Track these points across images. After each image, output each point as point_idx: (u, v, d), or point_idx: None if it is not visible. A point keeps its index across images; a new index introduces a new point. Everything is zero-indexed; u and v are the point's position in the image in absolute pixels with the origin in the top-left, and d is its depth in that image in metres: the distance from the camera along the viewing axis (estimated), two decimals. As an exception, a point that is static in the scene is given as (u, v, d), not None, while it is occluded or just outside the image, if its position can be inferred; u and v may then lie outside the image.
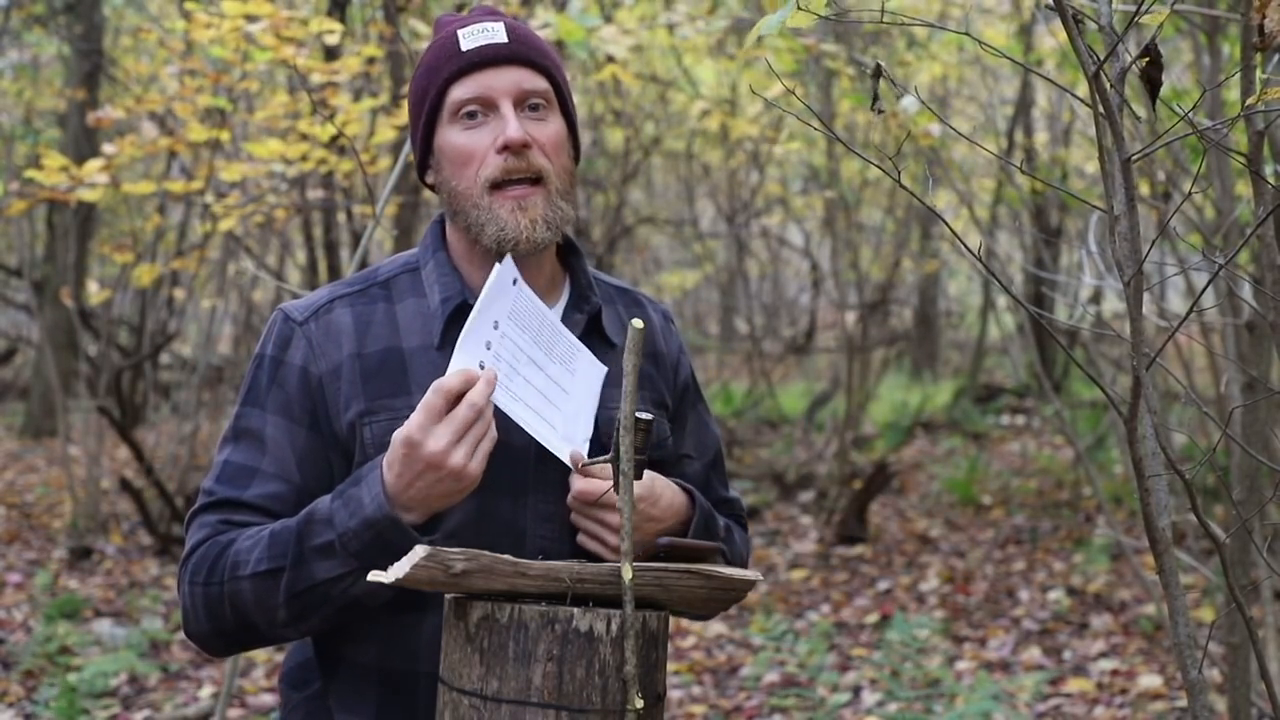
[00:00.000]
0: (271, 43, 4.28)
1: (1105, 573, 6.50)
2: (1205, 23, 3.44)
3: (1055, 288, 8.54)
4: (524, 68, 1.78)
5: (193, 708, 4.92)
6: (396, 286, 1.85)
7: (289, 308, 1.84)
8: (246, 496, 1.75)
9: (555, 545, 1.77)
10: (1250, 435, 3.31)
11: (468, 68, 1.77)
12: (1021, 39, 7.60)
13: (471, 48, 1.78)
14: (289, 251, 9.58)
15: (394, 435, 1.65)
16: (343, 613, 1.71)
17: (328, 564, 1.65)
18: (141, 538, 7.50)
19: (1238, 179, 3.99)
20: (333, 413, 1.76)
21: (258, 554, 1.68)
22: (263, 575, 1.68)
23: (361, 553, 1.64)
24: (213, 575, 1.71)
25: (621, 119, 9.03)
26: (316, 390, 1.78)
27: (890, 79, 1.63)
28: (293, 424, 1.77)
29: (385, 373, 1.77)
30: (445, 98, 1.78)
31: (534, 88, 1.78)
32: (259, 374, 1.81)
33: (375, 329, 1.80)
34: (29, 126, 10.40)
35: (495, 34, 1.79)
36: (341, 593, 1.67)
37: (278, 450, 1.76)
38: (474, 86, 1.77)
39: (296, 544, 1.67)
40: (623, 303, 1.94)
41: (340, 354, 1.79)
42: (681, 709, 4.97)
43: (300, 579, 1.67)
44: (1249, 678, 3.39)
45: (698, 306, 17.70)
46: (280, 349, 1.80)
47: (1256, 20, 1.45)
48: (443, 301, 1.80)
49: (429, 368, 1.77)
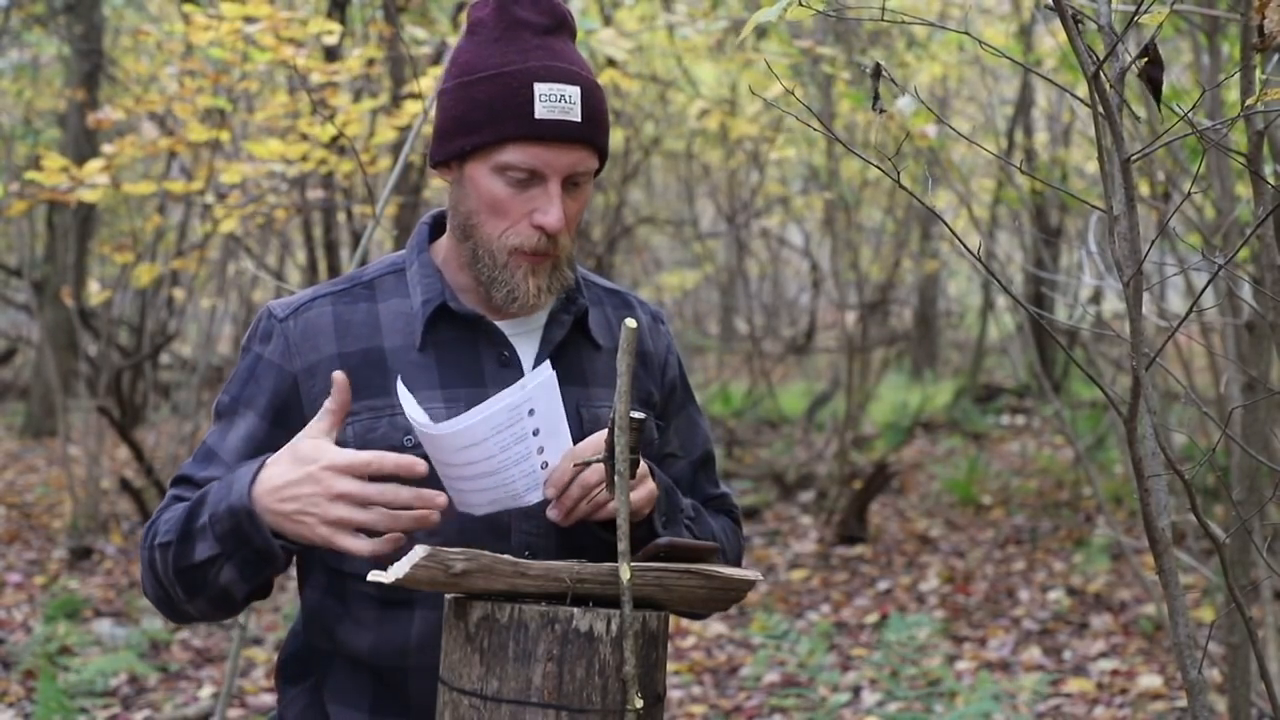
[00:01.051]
0: (271, 43, 4.29)
1: (1105, 573, 6.50)
2: (1205, 23, 3.44)
3: (1055, 288, 8.53)
4: (586, 148, 1.75)
5: (193, 708, 4.92)
6: (381, 286, 1.85)
7: (274, 305, 1.85)
8: (198, 476, 1.79)
9: (540, 541, 1.78)
10: (1250, 435, 3.31)
11: (534, 138, 1.71)
12: (1021, 39, 7.60)
13: (545, 118, 1.71)
14: (289, 251, 9.58)
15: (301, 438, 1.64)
16: (221, 601, 1.72)
17: (203, 544, 1.67)
18: (141, 538, 7.50)
19: (1237, 179, 3.99)
20: (307, 411, 1.77)
21: (167, 526, 1.73)
22: (163, 547, 1.72)
23: (223, 537, 1.65)
24: (145, 541, 1.77)
25: (621, 119, 9.03)
26: (290, 388, 1.79)
27: (890, 79, 1.63)
28: (257, 417, 1.80)
29: (366, 372, 1.78)
30: (499, 149, 1.73)
31: (586, 169, 1.76)
32: (240, 364, 1.85)
33: (356, 329, 1.81)
34: (29, 126, 10.40)
35: (571, 109, 1.72)
36: (214, 577, 1.68)
37: (236, 439, 1.80)
38: (533, 158, 1.72)
39: (186, 521, 1.69)
40: (612, 304, 1.94)
41: (318, 354, 1.80)
42: (681, 709, 4.97)
43: (182, 555, 1.70)
44: (1249, 678, 3.39)
45: (698, 306, 17.69)
46: (260, 344, 1.83)
47: (1256, 20, 1.45)
48: (424, 303, 1.81)
49: (410, 368, 1.78)
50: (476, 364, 1.80)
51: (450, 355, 1.80)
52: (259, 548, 1.64)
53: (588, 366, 1.86)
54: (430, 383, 1.78)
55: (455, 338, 1.81)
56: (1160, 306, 4.40)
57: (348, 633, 1.80)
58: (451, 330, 1.81)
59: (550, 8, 1.77)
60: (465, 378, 1.80)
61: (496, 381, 1.79)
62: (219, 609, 1.75)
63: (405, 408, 1.64)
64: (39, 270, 10.56)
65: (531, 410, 1.63)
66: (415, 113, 4.78)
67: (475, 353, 1.81)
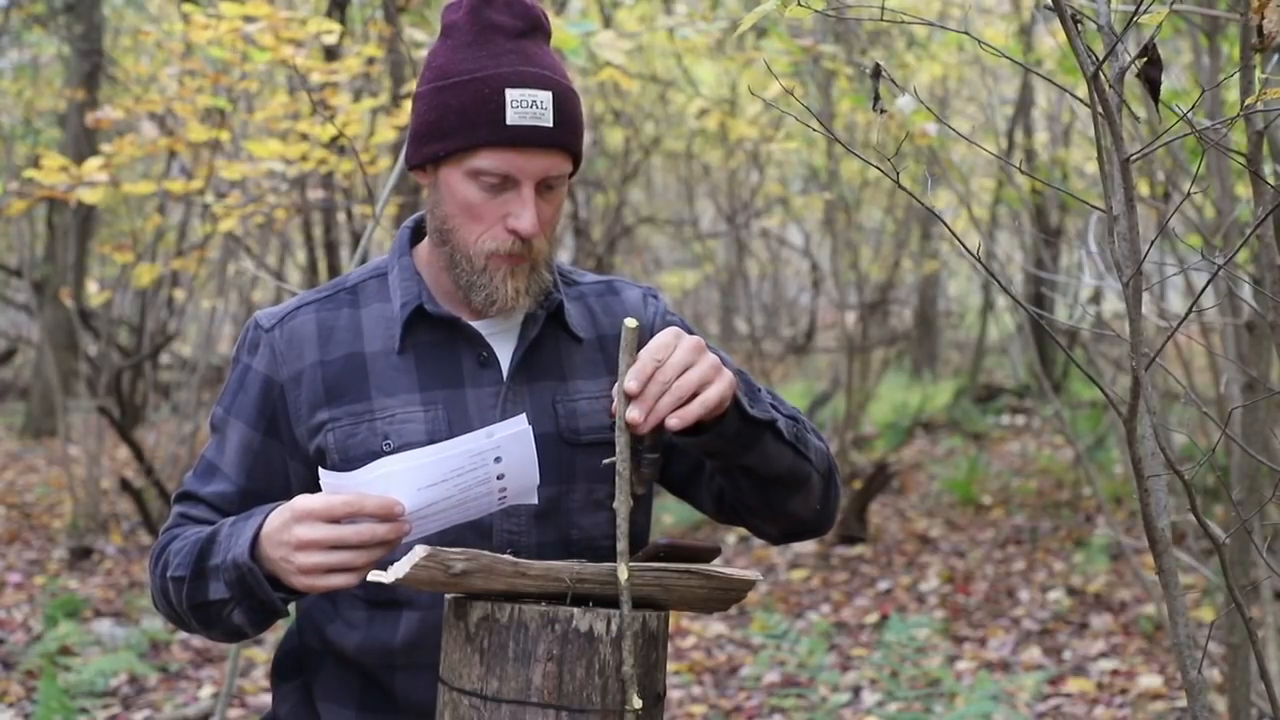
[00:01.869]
0: (270, 43, 4.29)
1: (1105, 573, 6.50)
2: (1204, 23, 3.44)
3: (1055, 288, 8.53)
4: (559, 153, 1.74)
5: (193, 708, 4.92)
6: (364, 292, 1.86)
7: (260, 315, 1.87)
8: (203, 492, 1.81)
9: (522, 539, 1.78)
10: (1250, 435, 3.31)
11: (506, 144, 1.71)
12: (1021, 39, 7.60)
13: (517, 124, 1.70)
14: (289, 251, 9.58)
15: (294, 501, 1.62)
16: (236, 636, 1.76)
17: (215, 585, 1.69)
18: (141, 538, 7.50)
19: (1237, 179, 3.99)
20: (293, 419, 1.80)
21: (179, 559, 1.74)
22: (176, 581, 1.73)
23: (230, 585, 1.67)
24: (155, 567, 1.78)
25: (621, 119, 9.02)
26: (278, 397, 1.81)
27: (890, 79, 1.63)
28: (249, 428, 1.81)
29: (347, 378, 1.80)
30: (472, 155, 1.73)
31: (559, 173, 1.76)
32: (231, 376, 1.86)
33: (339, 335, 1.82)
34: (29, 126, 10.40)
35: (543, 114, 1.71)
36: (227, 616, 1.71)
37: (232, 452, 1.82)
38: (504, 163, 1.72)
39: (198, 559, 1.71)
40: (595, 294, 1.93)
41: (302, 362, 1.81)
42: (681, 709, 4.97)
43: (196, 593, 1.72)
44: (1249, 678, 3.39)
45: (698, 306, 17.69)
46: (249, 354, 1.84)
47: (1255, 21, 1.45)
48: (402, 306, 1.81)
49: (390, 372, 1.79)
50: (456, 366, 1.81)
51: (429, 357, 1.81)
52: (261, 600, 1.66)
53: (565, 360, 1.86)
54: (410, 385, 1.79)
55: (434, 340, 1.82)
56: (1160, 306, 4.40)
57: (337, 632, 1.82)
58: (430, 333, 1.82)
59: (523, 10, 1.76)
60: (444, 380, 1.80)
61: (476, 382, 1.80)
62: (234, 638, 1.78)
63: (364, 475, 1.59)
64: (39, 270, 10.56)
65: (498, 458, 1.60)
66: (415, 113, 4.76)
67: (454, 354, 1.81)
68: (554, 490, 1.80)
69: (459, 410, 1.79)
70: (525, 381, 1.82)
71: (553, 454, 1.79)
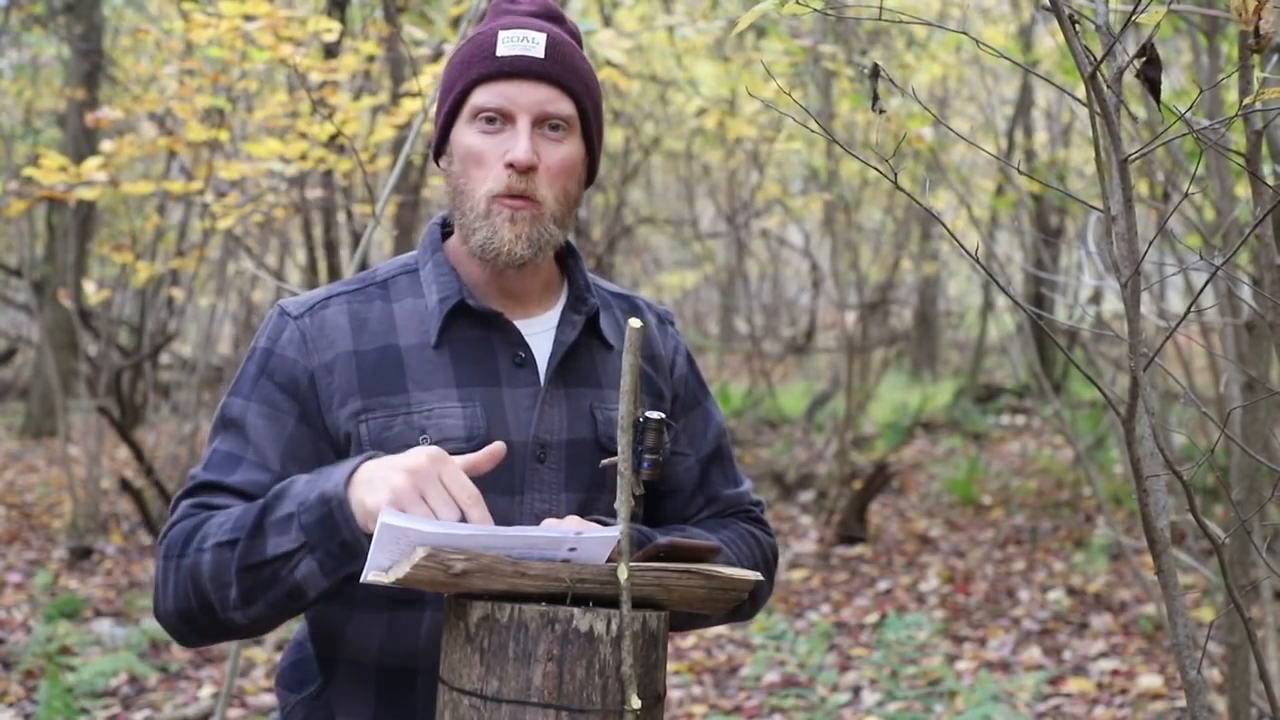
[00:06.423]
0: (270, 42, 4.29)
1: (1105, 573, 6.50)
2: (1203, 23, 3.44)
3: (1055, 288, 8.54)
4: (552, 87, 1.77)
5: (193, 708, 4.92)
6: (394, 287, 1.86)
7: (286, 303, 1.85)
8: (229, 481, 1.74)
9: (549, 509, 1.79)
10: (1250, 435, 3.31)
11: (496, 74, 1.76)
12: (1021, 39, 7.60)
13: (506, 54, 1.76)
14: (289, 251, 9.58)
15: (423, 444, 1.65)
16: (288, 601, 1.65)
17: (281, 539, 1.61)
18: (141, 538, 7.50)
19: (1236, 179, 3.99)
20: (324, 407, 1.77)
21: (230, 524, 1.66)
22: (222, 545, 1.65)
23: (310, 527, 1.59)
24: (184, 549, 1.69)
25: (621, 119, 9.03)
26: (308, 384, 1.78)
27: (889, 79, 1.63)
28: (279, 414, 1.77)
29: (382, 370, 1.78)
30: (469, 96, 1.78)
31: (556, 110, 1.77)
32: (249, 365, 1.82)
33: (372, 326, 1.81)
34: (29, 126, 10.40)
35: (533, 45, 1.77)
36: (288, 574, 1.62)
37: (259, 439, 1.76)
38: (497, 96, 1.76)
39: (259, 516, 1.64)
40: (620, 307, 1.94)
41: (334, 350, 1.79)
42: (681, 709, 4.97)
43: (253, 551, 1.63)
44: (1249, 678, 3.39)
45: (698, 306, 17.70)
46: (272, 341, 1.81)
47: (1251, 25, 1.46)
48: (440, 301, 1.81)
49: (426, 366, 1.78)
50: (492, 364, 1.80)
51: (465, 354, 1.80)
52: (345, 539, 1.58)
53: (600, 368, 1.86)
54: (446, 381, 1.78)
55: (471, 336, 1.81)
56: (1160, 306, 4.40)
57: (355, 634, 1.80)
58: (468, 328, 1.81)
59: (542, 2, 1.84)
60: (480, 378, 1.79)
61: (512, 382, 1.80)
62: (277, 612, 1.67)
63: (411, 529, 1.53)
64: (39, 270, 10.56)
65: (573, 549, 1.57)
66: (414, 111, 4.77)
67: (490, 352, 1.81)
68: (584, 496, 1.80)
69: (496, 410, 1.78)
70: (562, 386, 1.82)
71: (589, 460, 1.80)
